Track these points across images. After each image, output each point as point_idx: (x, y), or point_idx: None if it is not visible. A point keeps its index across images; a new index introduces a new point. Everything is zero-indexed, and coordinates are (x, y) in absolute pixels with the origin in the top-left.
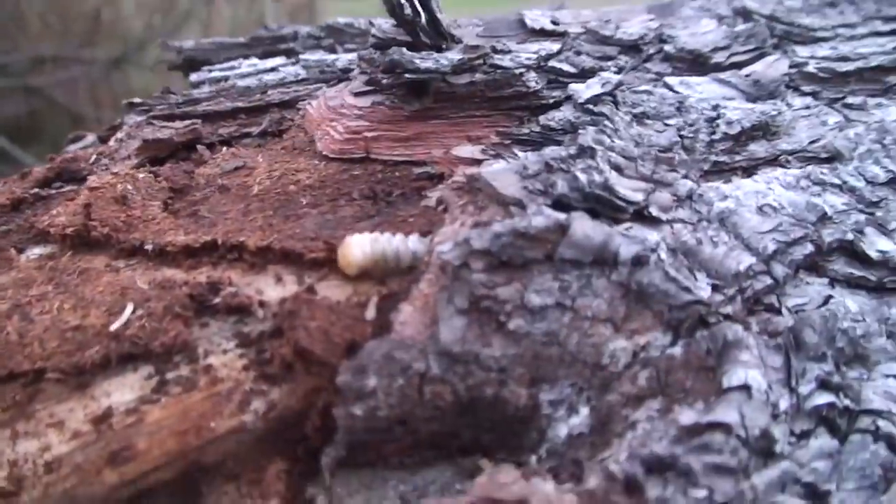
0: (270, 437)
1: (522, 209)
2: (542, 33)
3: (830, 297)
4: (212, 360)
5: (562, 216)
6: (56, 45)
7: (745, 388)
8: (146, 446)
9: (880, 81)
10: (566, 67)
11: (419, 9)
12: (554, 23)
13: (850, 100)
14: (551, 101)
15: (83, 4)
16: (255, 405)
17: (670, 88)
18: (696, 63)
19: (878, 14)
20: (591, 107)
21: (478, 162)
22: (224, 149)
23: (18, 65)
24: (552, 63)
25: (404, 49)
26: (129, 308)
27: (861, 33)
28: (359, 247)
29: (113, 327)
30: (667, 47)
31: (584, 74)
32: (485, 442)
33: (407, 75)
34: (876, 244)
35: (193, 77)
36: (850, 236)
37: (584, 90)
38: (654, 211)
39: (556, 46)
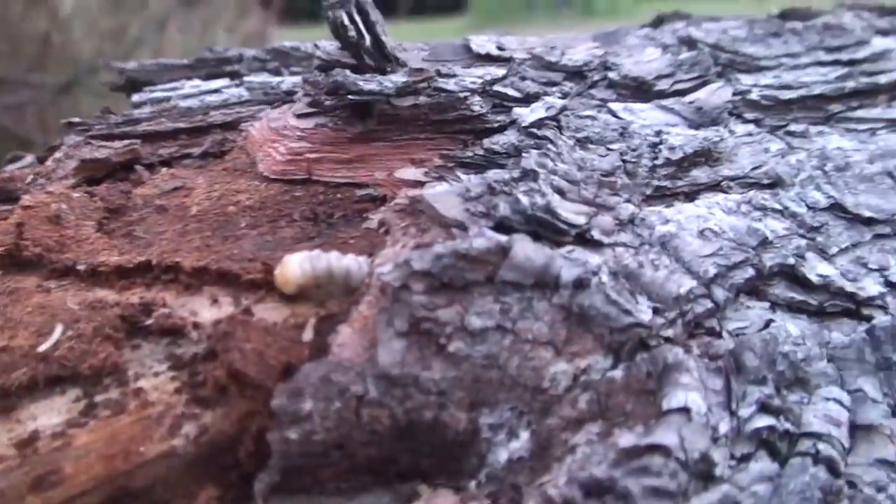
0: (202, 462)
1: (464, 231)
2: (488, 58)
3: (771, 320)
4: (142, 382)
5: (503, 238)
6: (3, 67)
7: (685, 411)
8: (73, 471)
9: (822, 109)
10: (511, 92)
11: (363, 31)
12: (499, 48)
13: (792, 127)
14: (496, 125)
15: (32, 27)
16: (186, 429)
17: (614, 114)
18: (640, 90)
19: (820, 45)
20: (534, 130)
21: (421, 184)
22: (164, 169)
23: None
24: (497, 87)
25: (348, 71)
26: (59, 329)
27: (804, 63)
28: (297, 264)
29: (41, 349)
30: (611, 74)
31: (528, 99)
32: (423, 467)
33: (350, 97)
34: (816, 269)
35: (135, 97)
36: (791, 261)
37: (528, 114)
38: (596, 234)
39: (501, 71)
